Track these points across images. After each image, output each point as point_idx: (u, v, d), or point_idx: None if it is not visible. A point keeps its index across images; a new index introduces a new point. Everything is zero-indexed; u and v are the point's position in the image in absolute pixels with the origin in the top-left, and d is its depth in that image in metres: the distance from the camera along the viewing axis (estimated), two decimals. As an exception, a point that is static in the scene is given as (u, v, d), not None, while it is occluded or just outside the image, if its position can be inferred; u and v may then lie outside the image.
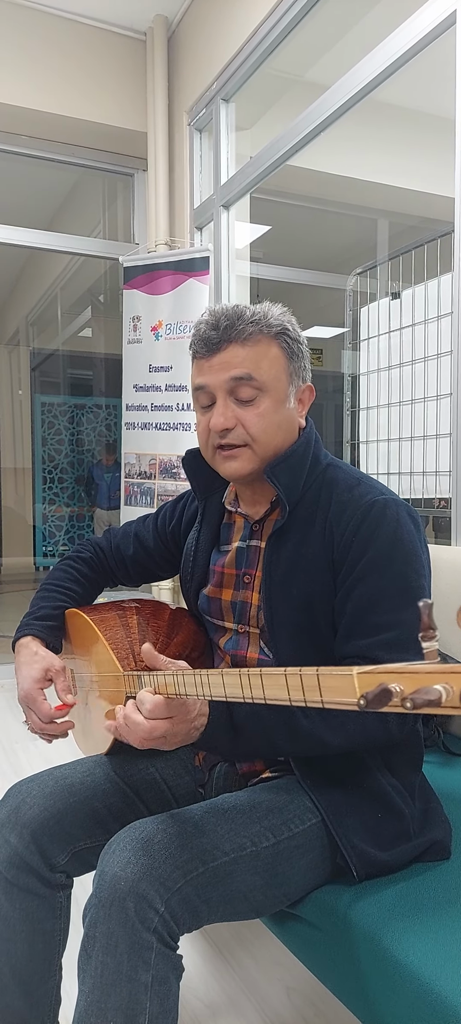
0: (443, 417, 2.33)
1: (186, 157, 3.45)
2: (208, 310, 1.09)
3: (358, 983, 0.92)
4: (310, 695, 0.64)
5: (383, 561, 1.00)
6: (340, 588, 1.03)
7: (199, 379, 1.09)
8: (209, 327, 1.06)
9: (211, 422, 1.07)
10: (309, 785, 1.01)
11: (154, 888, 0.87)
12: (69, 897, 1.12)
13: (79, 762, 1.19)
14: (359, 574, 1.01)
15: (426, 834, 1.04)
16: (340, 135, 2.75)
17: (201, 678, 0.81)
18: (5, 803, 1.10)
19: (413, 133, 3.83)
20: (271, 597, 1.07)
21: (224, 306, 1.07)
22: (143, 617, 1.23)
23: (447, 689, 0.49)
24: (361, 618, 1.00)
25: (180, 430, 3.24)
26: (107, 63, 3.52)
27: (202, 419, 1.11)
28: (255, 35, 2.78)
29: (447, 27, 1.91)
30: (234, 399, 1.06)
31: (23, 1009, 1.08)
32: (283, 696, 0.68)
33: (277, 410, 1.07)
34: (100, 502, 7.96)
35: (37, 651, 1.20)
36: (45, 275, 6.55)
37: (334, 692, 0.61)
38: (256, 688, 0.72)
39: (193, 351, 1.11)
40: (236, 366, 1.05)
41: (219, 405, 1.07)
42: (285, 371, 1.08)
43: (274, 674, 0.69)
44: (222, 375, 1.06)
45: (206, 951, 1.65)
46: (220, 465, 1.10)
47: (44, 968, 1.09)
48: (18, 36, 3.32)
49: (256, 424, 1.06)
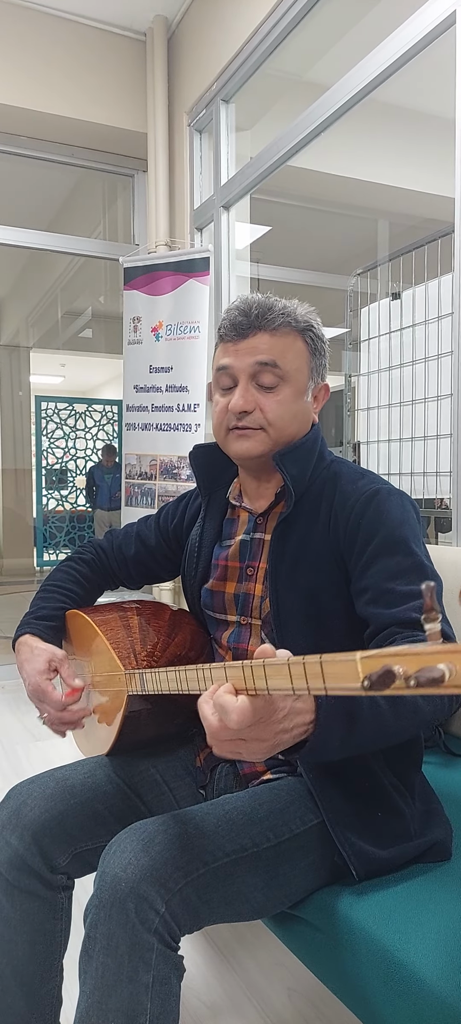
0: (443, 418, 2.33)
1: (186, 158, 3.45)
2: (239, 297, 1.12)
3: (359, 984, 0.92)
4: (313, 682, 0.64)
5: (394, 540, 1.01)
6: (353, 572, 1.03)
7: (224, 360, 1.12)
8: (240, 312, 1.09)
9: (231, 403, 1.10)
10: (311, 780, 1.01)
11: (155, 889, 0.87)
12: (70, 898, 1.12)
13: (80, 763, 1.19)
14: (372, 554, 1.01)
15: (427, 835, 1.04)
16: (340, 135, 2.75)
17: (204, 672, 0.81)
18: (6, 804, 1.10)
19: (413, 133, 3.83)
20: (277, 588, 1.08)
21: (255, 296, 1.11)
22: (144, 617, 1.23)
23: (450, 669, 0.49)
24: (386, 590, 0.98)
25: (181, 431, 3.24)
26: (107, 64, 3.52)
27: (221, 400, 1.13)
28: (255, 35, 2.78)
29: (447, 27, 1.91)
30: (255, 384, 1.09)
31: (24, 1010, 1.07)
32: (286, 685, 0.68)
33: (295, 400, 1.11)
34: (101, 503, 7.96)
35: (36, 645, 1.21)
36: (45, 276, 6.56)
37: (337, 678, 0.61)
38: (259, 679, 0.71)
39: (221, 334, 1.13)
40: (263, 352, 1.08)
41: (241, 387, 1.09)
42: (307, 365, 1.12)
43: (277, 663, 0.69)
44: (248, 359, 1.09)
45: (207, 952, 1.65)
46: (232, 444, 1.12)
47: (45, 969, 1.09)
48: (18, 37, 3.32)
49: (274, 410, 1.09)
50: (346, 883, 1.00)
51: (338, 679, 0.60)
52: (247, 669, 0.73)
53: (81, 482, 8.23)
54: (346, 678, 0.59)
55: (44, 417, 8.04)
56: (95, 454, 8.26)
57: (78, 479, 8.28)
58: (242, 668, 0.73)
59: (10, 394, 8.53)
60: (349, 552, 1.04)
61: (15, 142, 3.64)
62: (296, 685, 0.66)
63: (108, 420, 8.40)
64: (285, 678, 0.67)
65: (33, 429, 8.17)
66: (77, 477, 8.28)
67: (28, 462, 8.52)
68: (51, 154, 3.74)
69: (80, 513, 8.36)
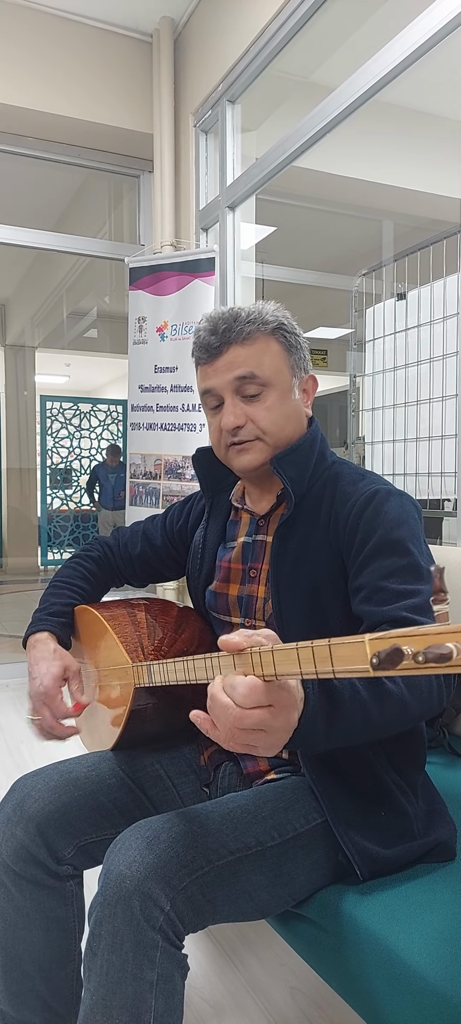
0: (449, 418, 2.33)
1: (192, 158, 3.46)
2: (204, 317, 1.12)
3: (363, 984, 0.92)
4: (321, 666, 0.64)
5: (391, 540, 1.00)
6: (351, 571, 1.03)
7: (205, 383, 1.13)
8: (208, 332, 1.10)
9: (222, 422, 1.11)
10: (314, 779, 1.01)
11: (159, 887, 0.87)
12: (80, 884, 1.12)
13: (84, 757, 1.19)
14: (369, 553, 1.01)
15: (431, 834, 1.04)
16: (346, 136, 2.75)
17: (211, 661, 0.81)
18: (10, 797, 1.11)
19: (419, 134, 3.83)
20: (279, 589, 1.08)
21: (220, 310, 1.11)
22: (151, 613, 1.24)
23: (458, 647, 0.50)
24: (379, 588, 0.99)
25: (185, 430, 3.24)
26: (113, 65, 3.53)
27: (213, 421, 1.15)
28: (261, 36, 2.79)
29: (453, 28, 1.91)
30: (241, 397, 1.10)
31: (45, 994, 1.09)
32: (294, 671, 0.68)
33: (283, 402, 1.11)
34: (105, 502, 7.98)
35: (55, 648, 1.22)
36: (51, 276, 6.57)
37: (346, 661, 0.61)
38: (267, 666, 0.72)
39: (196, 358, 1.14)
40: (239, 366, 1.08)
41: (227, 405, 1.10)
42: (286, 364, 1.11)
43: (285, 649, 0.69)
44: (227, 376, 1.09)
45: (211, 951, 1.65)
46: (234, 460, 1.13)
47: (61, 954, 1.10)
48: (24, 38, 3.33)
49: (265, 418, 1.09)
50: (350, 882, 1.00)
51: (347, 661, 0.61)
52: (256, 656, 0.73)
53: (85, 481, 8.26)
54: (355, 659, 0.59)
55: (49, 417, 8.06)
56: (99, 454, 8.28)
57: (82, 478, 8.31)
58: (250, 655, 0.74)
59: (15, 394, 8.56)
60: (348, 552, 1.04)
61: (21, 143, 3.65)
62: (304, 669, 0.66)
63: (113, 420, 8.42)
64: (294, 663, 0.68)
65: (38, 428, 8.19)
66: (82, 476, 8.30)
67: (33, 461, 8.55)
68: (57, 155, 3.75)
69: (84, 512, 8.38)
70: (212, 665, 0.81)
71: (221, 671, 0.79)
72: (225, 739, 0.76)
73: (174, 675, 0.89)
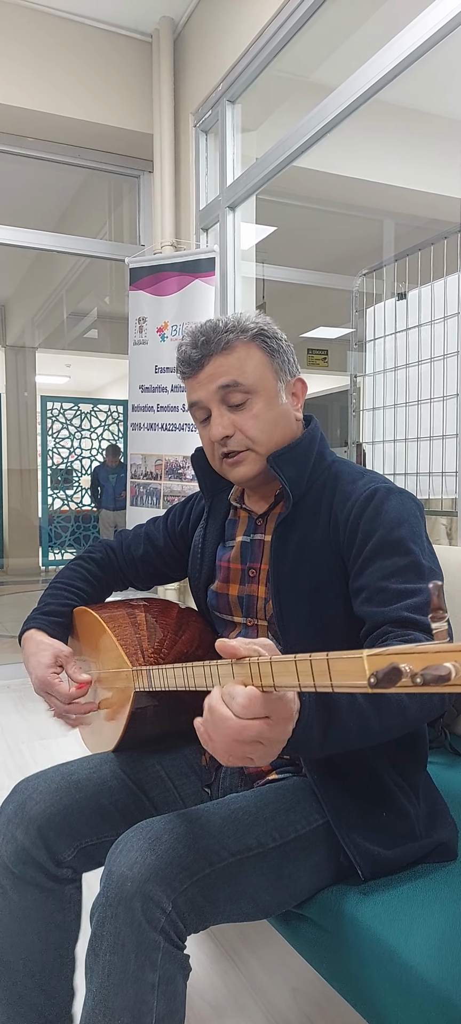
0: (449, 418, 2.33)
1: (192, 158, 3.46)
2: (186, 332, 1.13)
3: (364, 984, 0.92)
4: (320, 680, 0.64)
5: (391, 539, 1.00)
6: (352, 571, 1.03)
7: (191, 396, 1.14)
8: (189, 345, 1.11)
9: (211, 433, 1.11)
10: (315, 780, 1.01)
11: (161, 888, 0.87)
12: (79, 889, 1.12)
13: (86, 759, 1.19)
14: (370, 553, 1.01)
15: (432, 835, 1.04)
16: (346, 136, 2.75)
17: (211, 669, 0.81)
18: (12, 799, 1.11)
19: (419, 134, 3.83)
20: (279, 589, 1.08)
21: (199, 324, 1.11)
22: (151, 615, 1.24)
23: (457, 667, 0.49)
24: (380, 588, 0.98)
25: (186, 431, 3.24)
26: (113, 65, 3.53)
27: (204, 433, 1.16)
28: (261, 36, 2.79)
29: (454, 27, 1.91)
30: (227, 406, 1.10)
31: (38, 1001, 1.08)
32: (293, 682, 0.68)
33: (270, 408, 1.10)
34: (105, 503, 7.98)
35: (42, 640, 1.22)
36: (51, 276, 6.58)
37: (344, 676, 0.61)
38: (266, 676, 0.72)
39: (180, 373, 1.15)
40: (221, 375, 1.09)
41: (214, 415, 1.11)
42: (270, 369, 1.11)
43: (283, 661, 0.69)
44: (210, 387, 1.10)
45: (212, 952, 1.65)
46: (229, 473, 1.14)
47: (57, 960, 1.09)
48: (24, 38, 3.34)
49: (253, 426, 1.09)
50: (351, 883, 1.00)
51: (345, 676, 0.61)
52: (254, 666, 0.73)
53: (86, 482, 8.25)
54: (353, 675, 0.59)
55: (49, 417, 8.06)
56: (100, 454, 8.28)
57: (83, 479, 8.30)
58: (249, 665, 0.74)
59: (16, 394, 8.56)
60: (348, 552, 1.04)
61: (21, 143, 3.65)
62: (303, 682, 0.66)
63: (113, 420, 8.41)
64: (292, 675, 0.68)
65: (39, 429, 8.19)
66: (82, 477, 8.30)
67: (33, 462, 8.55)
68: (57, 155, 3.75)
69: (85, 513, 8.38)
70: (211, 673, 0.81)
71: (220, 680, 0.78)
72: (223, 752, 0.75)
73: (173, 681, 0.89)
